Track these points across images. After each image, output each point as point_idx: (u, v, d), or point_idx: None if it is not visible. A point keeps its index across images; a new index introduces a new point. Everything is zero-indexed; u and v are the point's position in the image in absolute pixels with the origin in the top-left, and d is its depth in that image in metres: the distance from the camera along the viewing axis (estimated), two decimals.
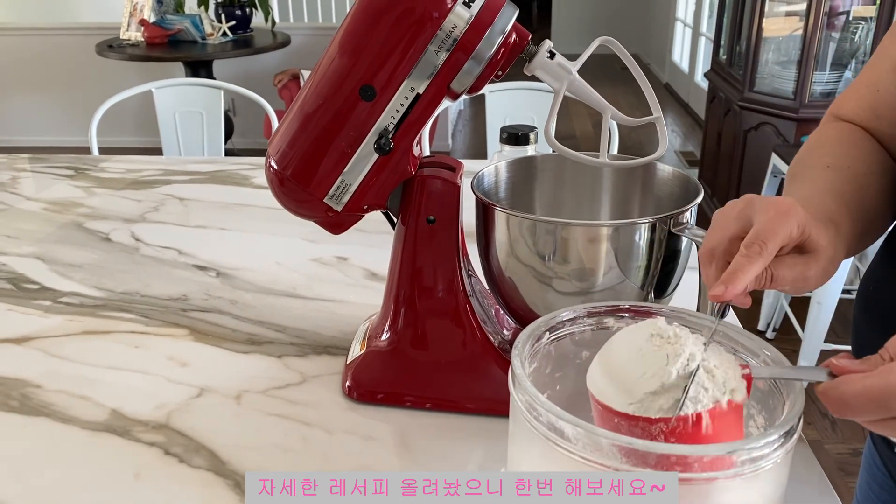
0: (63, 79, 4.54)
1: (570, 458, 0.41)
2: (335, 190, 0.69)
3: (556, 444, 0.41)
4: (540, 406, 0.42)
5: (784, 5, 3.00)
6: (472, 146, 4.69)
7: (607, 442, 0.40)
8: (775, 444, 0.40)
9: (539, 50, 0.65)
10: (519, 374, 0.45)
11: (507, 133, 0.99)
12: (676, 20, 6.02)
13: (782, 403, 0.44)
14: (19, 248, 1.12)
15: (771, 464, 0.40)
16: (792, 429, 0.41)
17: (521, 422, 0.44)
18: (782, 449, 0.40)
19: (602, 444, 0.40)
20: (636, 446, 0.39)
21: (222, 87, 2.12)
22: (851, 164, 0.65)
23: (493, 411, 0.72)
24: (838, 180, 0.63)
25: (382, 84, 0.65)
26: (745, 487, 0.40)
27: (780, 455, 0.40)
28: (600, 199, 0.80)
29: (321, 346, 0.85)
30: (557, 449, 0.41)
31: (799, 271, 0.51)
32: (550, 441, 0.42)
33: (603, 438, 0.40)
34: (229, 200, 1.31)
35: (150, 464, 0.67)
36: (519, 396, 0.44)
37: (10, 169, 1.50)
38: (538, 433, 0.42)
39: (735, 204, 0.53)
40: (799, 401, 0.43)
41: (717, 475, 0.39)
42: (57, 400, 0.76)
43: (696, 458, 0.39)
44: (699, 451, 0.39)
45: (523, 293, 0.70)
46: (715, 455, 0.39)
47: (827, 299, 2.07)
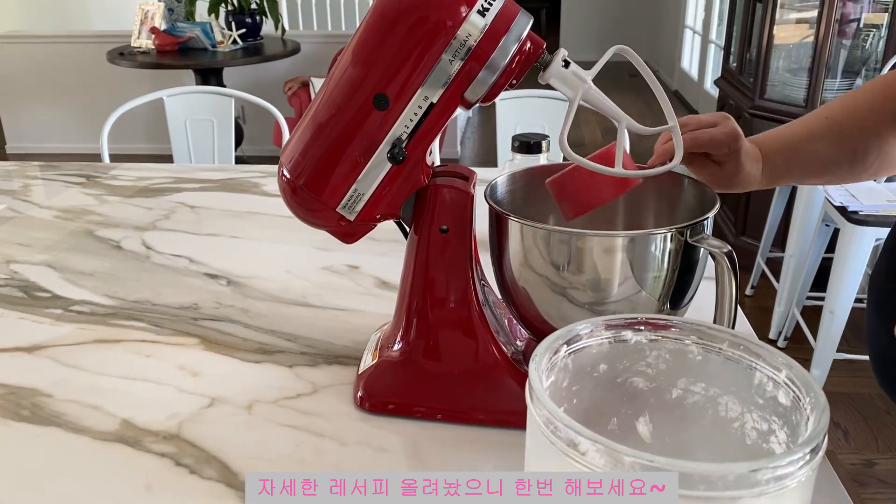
0: (74, 86, 4.57)
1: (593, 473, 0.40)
2: (348, 199, 0.69)
3: (574, 459, 0.41)
4: (559, 421, 0.41)
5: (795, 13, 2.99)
6: (481, 153, 4.69)
7: (630, 459, 0.39)
8: (801, 461, 0.39)
9: (554, 59, 0.64)
10: (537, 388, 0.44)
11: (519, 141, 0.98)
12: (686, 27, 6.01)
13: (806, 420, 0.43)
14: (31, 255, 1.12)
15: (796, 482, 0.39)
16: (818, 446, 0.40)
17: (538, 437, 0.43)
18: (808, 466, 0.39)
19: (624, 462, 0.39)
20: (658, 464, 0.38)
21: (233, 95, 2.12)
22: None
23: (506, 423, 0.71)
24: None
25: (396, 93, 0.64)
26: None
27: (805, 473, 0.39)
28: (615, 209, 0.80)
29: (332, 355, 0.84)
30: (577, 465, 0.41)
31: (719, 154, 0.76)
32: (569, 457, 0.41)
33: (625, 456, 0.39)
34: (240, 208, 1.31)
35: (161, 475, 0.66)
36: (537, 411, 0.43)
37: (22, 176, 1.50)
38: (556, 449, 0.42)
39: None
40: (824, 417, 0.42)
41: (741, 493, 0.38)
42: (68, 409, 0.75)
43: (720, 477, 0.38)
44: (723, 470, 0.38)
45: (537, 303, 0.70)
46: (739, 473, 0.38)
47: (839, 308, 2.05)
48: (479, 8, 0.61)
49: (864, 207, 2.01)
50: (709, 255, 0.67)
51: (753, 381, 0.49)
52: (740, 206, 3.03)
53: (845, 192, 2.11)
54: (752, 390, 0.49)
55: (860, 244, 1.98)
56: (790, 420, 0.45)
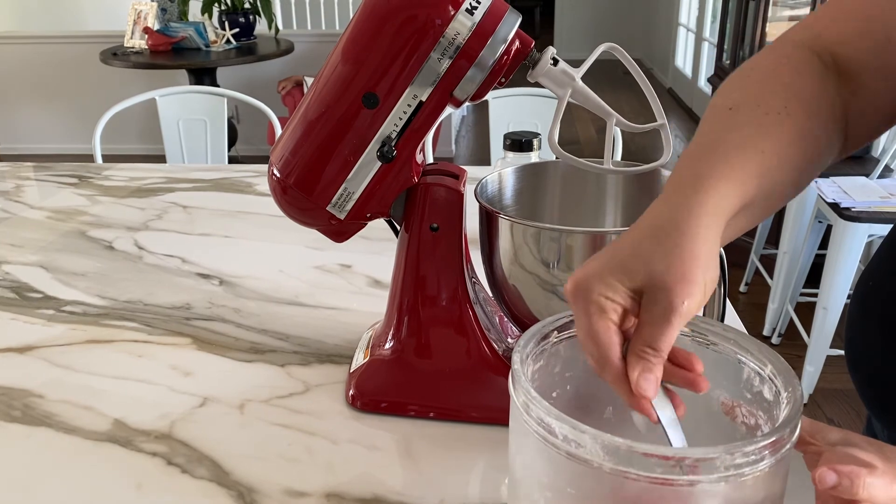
0: (67, 86, 4.55)
1: (558, 454, 0.41)
2: (338, 198, 0.69)
3: (545, 440, 0.42)
4: (532, 402, 0.42)
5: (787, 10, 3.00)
6: (476, 152, 4.69)
7: (590, 440, 0.40)
8: (765, 450, 0.39)
9: (542, 57, 0.65)
10: (517, 369, 0.45)
11: (510, 140, 0.98)
12: (679, 25, 6.02)
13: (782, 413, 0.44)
14: (23, 256, 1.12)
15: (760, 471, 0.39)
16: (783, 437, 0.40)
17: (517, 418, 0.45)
18: (772, 457, 0.39)
19: (586, 442, 0.40)
20: (619, 445, 0.39)
21: (226, 95, 2.12)
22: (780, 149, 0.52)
23: (497, 420, 0.71)
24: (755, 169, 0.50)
25: (385, 92, 0.64)
26: (731, 494, 0.40)
27: (770, 463, 0.39)
28: (604, 206, 0.80)
29: (324, 354, 0.85)
30: (547, 445, 0.42)
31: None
32: (541, 437, 0.42)
33: (587, 436, 0.40)
34: (233, 208, 1.31)
35: (153, 474, 0.66)
36: (516, 393, 0.44)
37: (14, 177, 1.50)
38: (530, 429, 0.43)
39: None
40: (795, 408, 0.42)
41: (699, 479, 0.39)
42: (60, 410, 0.75)
43: (679, 460, 0.38)
44: (682, 453, 0.39)
45: (527, 301, 0.70)
46: (699, 457, 0.38)
47: (833, 304, 2.06)
48: (468, 6, 0.62)
49: (857, 204, 2.01)
50: None
51: (742, 375, 0.49)
52: None
53: (838, 189, 2.11)
54: (742, 385, 0.49)
55: (853, 240, 1.99)
56: (772, 415, 0.46)
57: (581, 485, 0.42)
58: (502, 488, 0.64)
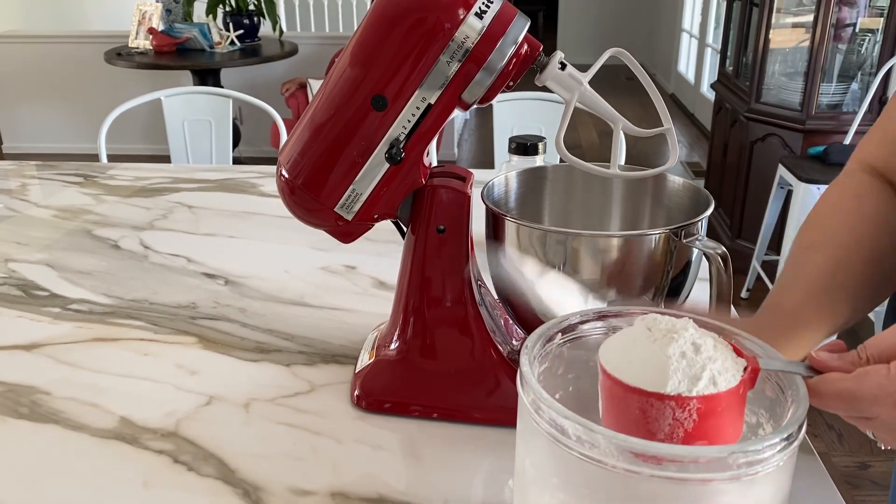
0: (72, 86, 4.57)
1: (570, 454, 0.42)
2: (346, 199, 0.69)
3: (557, 440, 0.42)
4: (543, 403, 0.43)
5: (791, 17, 3.01)
6: (478, 155, 4.70)
7: (605, 440, 0.40)
8: (775, 447, 0.40)
9: (550, 61, 0.65)
10: (525, 371, 0.45)
11: (515, 143, 0.99)
12: (682, 31, 6.03)
13: (786, 411, 0.44)
14: (29, 254, 1.12)
15: (770, 468, 0.40)
16: (792, 434, 0.41)
17: (526, 419, 0.45)
18: (782, 454, 0.40)
19: (599, 442, 0.40)
20: (633, 445, 0.39)
21: (230, 96, 2.13)
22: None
23: (502, 421, 0.71)
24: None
25: (394, 94, 0.65)
26: (742, 491, 0.40)
27: (779, 460, 0.40)
28: (610, 210, 0.80)
29: (329, 354, 0.85)
30: (559, 446, 0.42)
31: None
32: (552, 438, 0.42)
33: (601, 436, 0.40)
34: (238, 208, 1.31)
35: (159, 472, 0.67)
36: (525, 394, 0.45)
37: (20, 176, 1.51)
38: (541, 430, 0.43)
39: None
40: (801, 407, 0.43)
41: (713, 476, 0.39)
42: (66, 407, 0.76)
43: (693, 459, 0.39)
44: (696, 453, 0.39)
45: (532, 303, 0.70)
46: (712, 457, 0.39)
47: None
48: (477, 10, 0.62)
49: None
50: (703, 256, 0.67)
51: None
52: (736, 209, 3.05)
53: None
54: None
55: None
56: (775, 412, 0.46)
57: (594, 485, 0.42)
58: (506, 489, 0.65)
